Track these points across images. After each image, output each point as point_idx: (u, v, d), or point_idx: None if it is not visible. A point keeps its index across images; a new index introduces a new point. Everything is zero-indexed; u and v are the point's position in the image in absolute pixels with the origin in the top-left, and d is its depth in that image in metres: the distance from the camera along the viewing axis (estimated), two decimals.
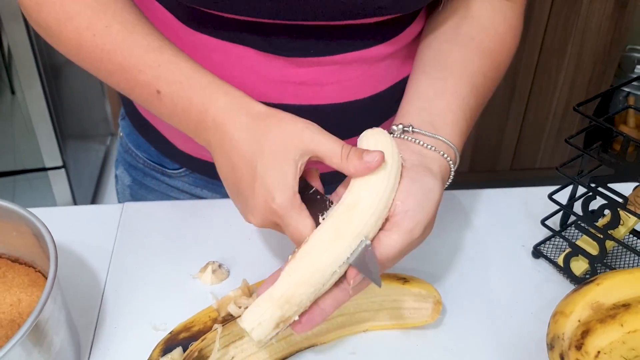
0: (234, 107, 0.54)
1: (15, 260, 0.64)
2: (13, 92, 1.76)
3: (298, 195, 0.51)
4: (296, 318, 0.51)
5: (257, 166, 0.51)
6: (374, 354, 0.62)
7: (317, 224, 0.52)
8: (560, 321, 0.57)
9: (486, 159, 2.24)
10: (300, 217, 0.51)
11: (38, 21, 0.61)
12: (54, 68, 1.83)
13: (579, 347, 0.53)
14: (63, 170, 1.90)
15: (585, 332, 0.54)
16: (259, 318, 0.50)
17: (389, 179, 0.52)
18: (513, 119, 2.15)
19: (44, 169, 1.89)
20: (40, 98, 1.75)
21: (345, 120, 0.69)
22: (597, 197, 0.67)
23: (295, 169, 0.51)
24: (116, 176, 0.89)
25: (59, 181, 1.91)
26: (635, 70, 2.24)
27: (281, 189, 0.51)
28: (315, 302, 0.51)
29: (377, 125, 0.59)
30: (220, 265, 0.69)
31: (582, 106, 0.69)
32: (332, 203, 0.53)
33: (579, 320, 0.56)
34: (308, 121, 0.53)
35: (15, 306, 0.61)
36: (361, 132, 0.57)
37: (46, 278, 0.63)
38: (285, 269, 0.51)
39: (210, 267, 0.68)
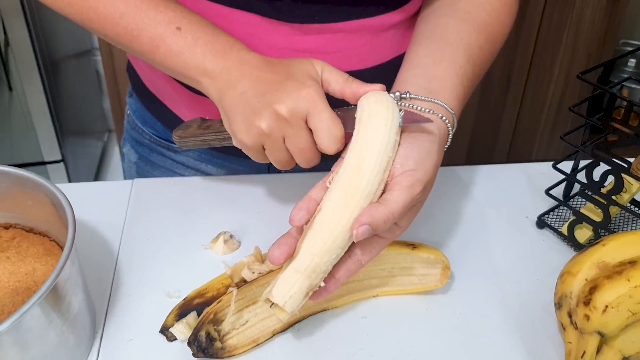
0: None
1: (30, 230, 0.65)
2: (10, 89, 1.76)
3: None
4: (322, 284, 0.52)
5: (287, 71, 0.57)
6: (385, 318, 0.63)
7: None
8: (567, 281, 0.58)
9: (482, 153, 2.25)
10: (329, 108, 0.55)
11: None
12: (53, 64, 1.84)
13: (587, 302, 0.55)
14: (62, 164, 1.91)
15: (593, 288, 0.55)
16: (289, 291, 0.51)
17: (389, 136, 0.53)
18: (508, 113, 2.17)
19: (43, 163, 1.90)
20: (40, 93, 1.76)
21: None
22: (601, 163, 0.68)
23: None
24: (122, 154, 0.90)
25: (57, 175, 1.92)
26: (629, 64, 2.26)
27: (315, 84, 0.56)
28: (330, 273, 0.53)
29: None
30: (231, 236, 0.70)
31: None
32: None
33: (586, 279, 0.57)
34: None
35: (31, 275, 0.61)
36: None
37: (61, 247, 0.64)
38: (305, 240, 0.52)
39: (222, 237, 0.69)
